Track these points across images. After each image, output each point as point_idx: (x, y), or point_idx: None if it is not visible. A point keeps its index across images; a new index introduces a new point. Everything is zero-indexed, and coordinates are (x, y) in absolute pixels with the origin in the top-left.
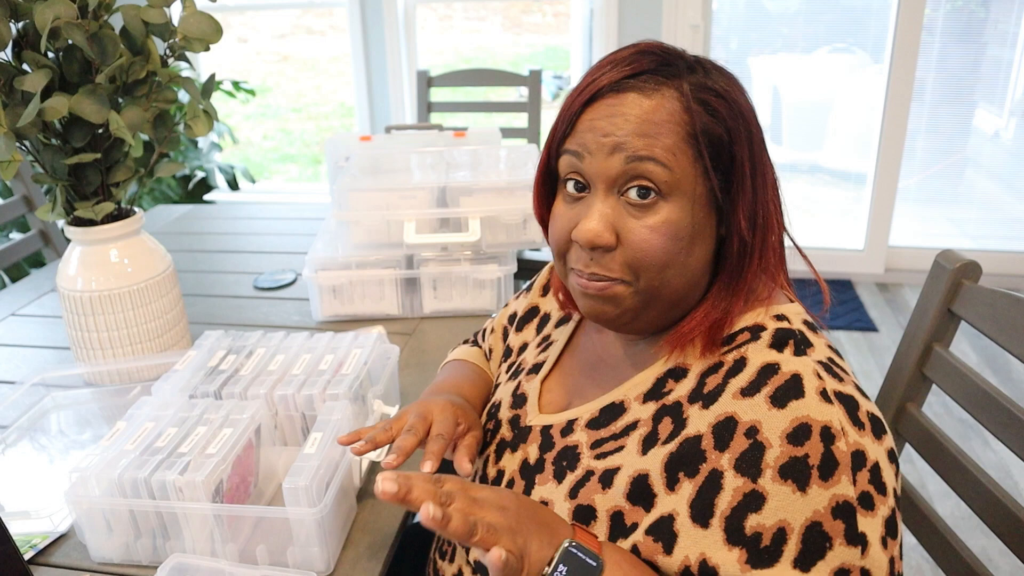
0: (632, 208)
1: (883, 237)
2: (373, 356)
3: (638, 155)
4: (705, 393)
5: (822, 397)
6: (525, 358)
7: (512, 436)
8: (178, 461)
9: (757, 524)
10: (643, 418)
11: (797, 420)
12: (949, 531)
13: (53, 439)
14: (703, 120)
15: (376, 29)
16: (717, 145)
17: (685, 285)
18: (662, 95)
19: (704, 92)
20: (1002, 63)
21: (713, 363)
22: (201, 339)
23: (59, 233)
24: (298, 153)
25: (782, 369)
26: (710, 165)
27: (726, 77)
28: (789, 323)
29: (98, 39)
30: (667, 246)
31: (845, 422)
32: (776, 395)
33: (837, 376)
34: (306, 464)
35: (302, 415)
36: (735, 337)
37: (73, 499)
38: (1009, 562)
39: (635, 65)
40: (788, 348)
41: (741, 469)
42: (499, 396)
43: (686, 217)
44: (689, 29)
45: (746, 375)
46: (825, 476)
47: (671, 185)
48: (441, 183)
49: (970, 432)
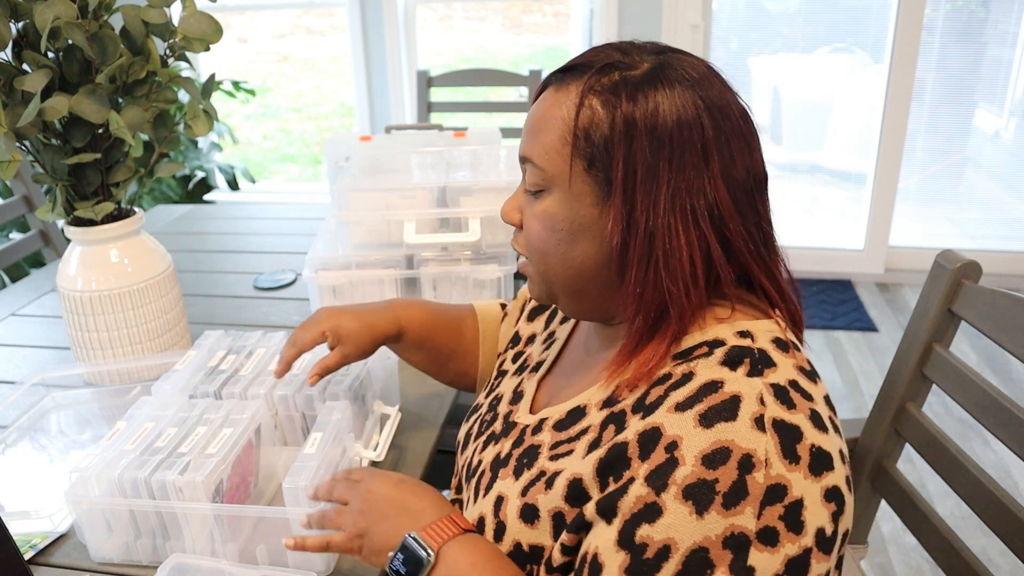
0: (530, 196)
1: (883, 237)
2: (372, 357)
3: (523, 155)
4: (647, 404)
5: (755, 424)
6: (531, 354)
7: (500, 430)
8: (178, 461)
9: (647, 535)
10: (594, 424)
11: (719, 443)
12: (949, 531)
13: (53, 439)
14: (591, 117)
15: (376, 29)
16: (597, 145)
17: (574, 277)
18: (566, 91)
19: (608, 90)
20: (1002, 63)
21: (663, 374)
22: (201, 339)
23: (59, 233)
24: (298, 153)
25: (724, 388)
26: (587, 165)
27: (670, 82)
28: (753, 341)
29: (98, 39)
30: (543, 235)
31: (773, 453)
32: (707, 414)
33: (788, 403)
34: (306, 464)
35: (302, 415)
36: (692, 351)
37: (73, 499)
38: (1009, 562)
39: (573, 61)
40: (742, 367)
41: (650, 480)
42: (503, 390)
43: (563, 211)
44: (689, 29)
45: (687, 390)
46: (728, 505)
47: (548, 180)
48: (441, 183)
49: (970, 432)
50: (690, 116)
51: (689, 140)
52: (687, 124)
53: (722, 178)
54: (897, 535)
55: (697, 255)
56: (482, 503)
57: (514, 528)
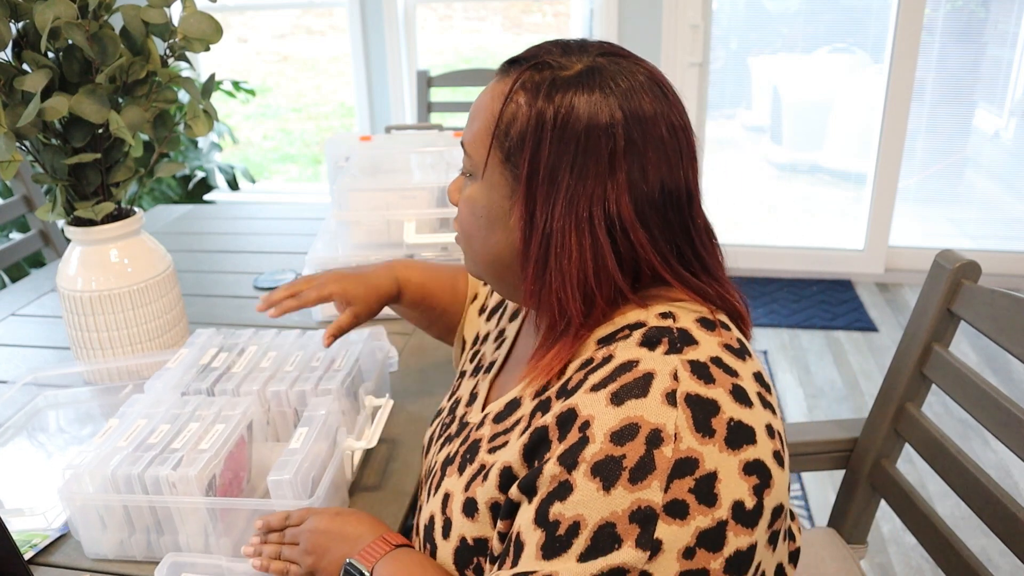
0: (465, 179)
1: (883, 237)
2: (364, 353)
3: (462, 141)
4: (568, 389)
5: (666, 399)
6: (484, 353)
7: (455, 432)
8: (171, 457)
9: (558, 513)
10: (526, 413)
11: (628, 420)
12: (949, 531)
13: (47, 438)
14: (515, 112)
15: (376, 29)
16: (514, 139)
17: (493, 263)
18: (503, 83)
19: (533, 88)
20: (1002, 63)
21: (586, 359)
22: (193, 337)
23: (59, 233)
24: (298, 153)
25: (638, 367)
26: (504, 157)
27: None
28: (674, 320)
29: (98, 39)
30: (468, 218)
31: (685, 427)
32: (619, 392)
33: (707, 377)
34: (291, 458)
35: (294, 411)
36: (615, 335)
37: (67, 496)
38: (1009, 562)
39: (522, 53)
40: (660, 346)
41: (562, 459)
42: (461, 393)
43: (482, 199)
44: (689, 29)
45: (603, 371)
46: (635, 480)
47: (474, 167)
48: (441, 183)
49: (970, 432)
50: (603, 123)
51: (595, 147)
52: (597, 131)
53: (627, 190)
54: (897, 535)
55: (589, 262)
56: (432, 502)
57: (459, 523)
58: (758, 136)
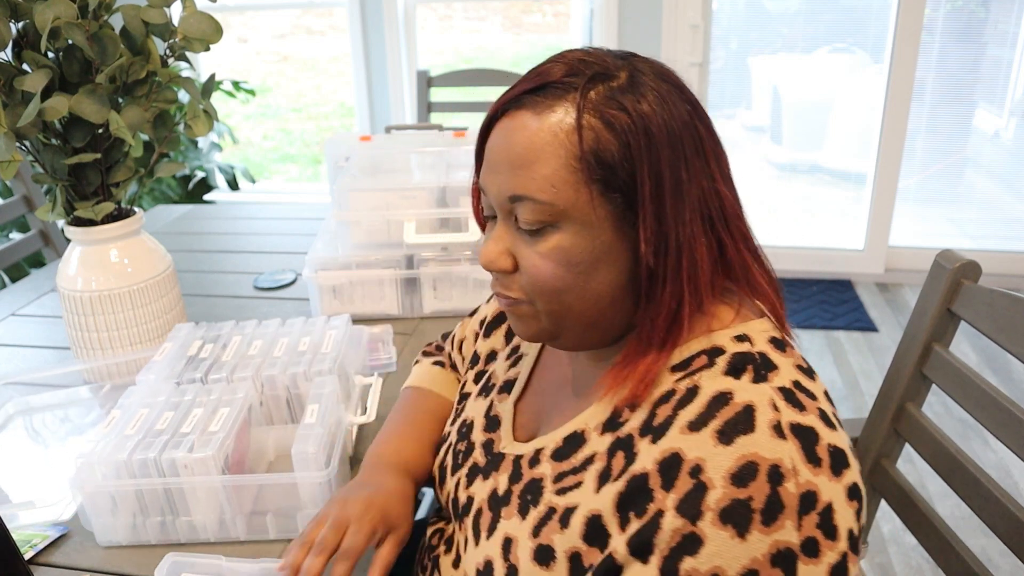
0: (525, 235)
1: (883, 237)
2: (344, 336)
3: (515, 194)
4: (655, 426)
5: (775, 432)
6: (495, 371)
7: (485, 462)
8: (184, 440)
9: (692, 568)
10: (600, 451)
11: (744, 458)
12: (949, 531)
13: (30, 438)
14: (596, 138)
15: (376, 29)
16: (612, 165)
17: (591, 308)
18: (552, 111)
19: (603, 105)
20: (1002, 63)
21: (665, 391)
22: (173, 332)
23: (59, 233)
24: (298, 153)
25: (734, 399)
26: (604, 188)
27: (654, 85)
28: (751, 344)
29: (98, 39)
30: (559, 273)
31: (798, 459)
32: (724, 430)
33: (798, 404)
34: (311, 432)
35: (288, 394)
36: (691, 362)
37: (79, 484)
38: (1009, 562)
39: (540, 77)
40: (746, 374)
41: (682, 510)
42: (471, 414)
43: (582, 242)
44: (689, 29)
45: (696, 406)
46: (767, 521)
47: (557, 214)
48: (441, 183)
49: (970, 432)
50: (687, 118)
51: (692, 142)
52: (688, 126)
53: (721, 177)
54: (897, 535)
55: (713, 261)
56: (487, 546)
57: (527, 571)
58: (758, 136)
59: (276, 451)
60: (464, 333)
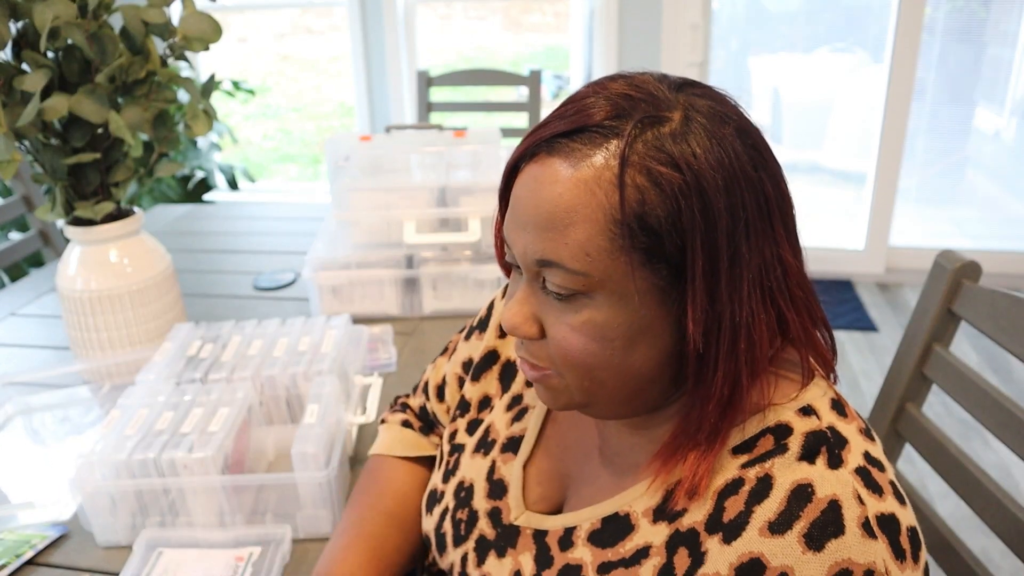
0: (554, 301)
1: (883, 237)
2: (345, 337)
3: (543, 259)
4: (726, 523)
5: (864, 531)
6: (494, 424)
7: (495, 535)
8: (183, 440)
9: None
10: (655, 544)
11: (837, 566)
12: (949, 531)
13: (29, 438)
14: (641, 199)
15: (376, 29)
16: (659, 232)
17: (627, 386)
18: (591, 163)
19: (651, 158)
20: (1002, 63)
21: (731, 479)
22: (173, 332)
23: (59, 233)
24: (298, 153)
25: (817, 495)
26: (647, 258)
27: (713, 129)
28: (818, 417)
29: (98, 39)
30: (591, 348)
31: (889, 559)
32: (811, 533)
33: (877, 488)
34: (311, 432)
35: (287, 394)
36: (755, 443)
37: (79, 484)
38: (1010, 562)
39: (580, 116)
40: (821, 458)
41: None
42: (467, 475)
43: (618, 316)
44: (689, 29)
45: (774, 502)
46: None
47: (591, 284)
48: (441, 183)
49: (970, 432)
50: (752, 171)
51: (755, 203)
52: (753, 183)
53: (786, 239)
54: None
55: (774, 336)
56: None
57: None
58: None
59: (276, 451)
60: (441, 377)
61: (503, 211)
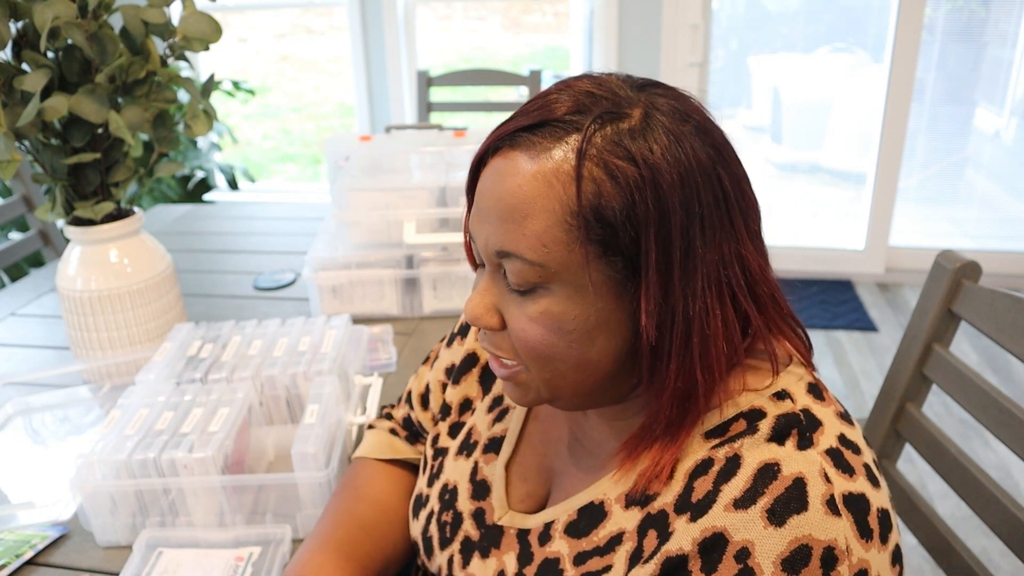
0: (513, 292)
1: (883, 237)
2: (345, 336)
3: (502, 250)
4: (694, 502)
5: (828, 508)
6: (475, 426)
7: (480, 536)
8: (183, 440)
9: None
10: (628, 529)
11: (796, 542)
12: (949, 531)
13: (29, 438)
14: (597, 191)
15: (376, 29)
16: (614, 224)
17: (588, 378)
18: (550, 156)
19: (608, 152)
20: (1002, 63)
21: (701, 460)
22: (173, 332)
23: (59, 233)
24: (298, 153)
25: (782, 472)
26: (603, 250)
27: (672, 127)
28: (792, 400)
29: (98, 39)
30: (549, 339)
31: (852, 537)
32: (774, 509)
33: (847, 468)
34: (311, 432)
35: (287, 394)
36: (728, 427)
37: (79, 484)
38: (1010, 562)
39: (540, 112)
40: (791, 440)
41: None
42: (451, 477)
43: (575, 308)
44: (689, 29)
45: (740, 480)
46: None
47: (549, 276)
48: (441, 183)
49: (970, 432)
50: (710, 168)
51: (712, 199)
52: (710, 179)
53: (748, 236)
54: None
55: (735, 333)
56: None
57: None
58: (758, 136)
59: (276, 451)
60: (424, 385)
61: (471, 207)
